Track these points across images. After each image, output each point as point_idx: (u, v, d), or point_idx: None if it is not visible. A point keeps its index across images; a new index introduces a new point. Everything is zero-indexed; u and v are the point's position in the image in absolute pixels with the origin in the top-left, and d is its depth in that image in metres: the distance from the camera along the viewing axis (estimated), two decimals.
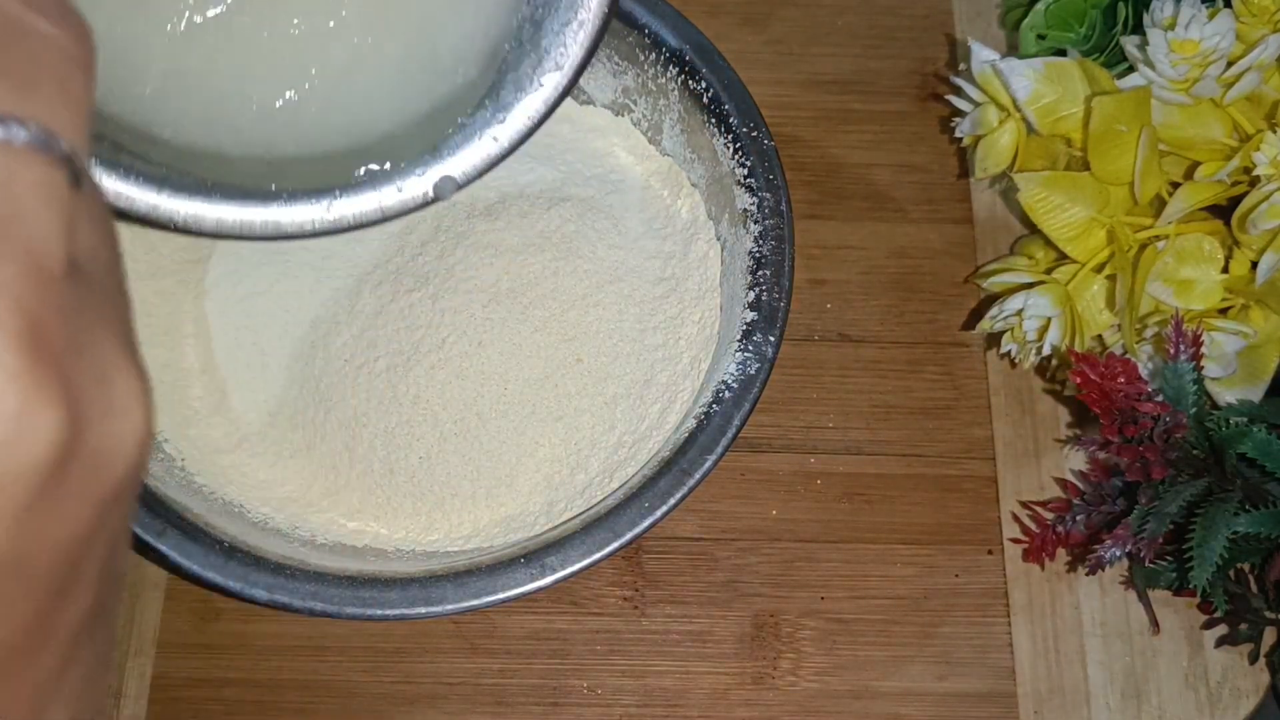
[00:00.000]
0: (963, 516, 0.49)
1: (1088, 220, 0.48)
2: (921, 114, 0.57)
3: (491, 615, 0.47)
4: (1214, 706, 0.46)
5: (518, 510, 0.47)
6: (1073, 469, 0.50)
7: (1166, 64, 0.46)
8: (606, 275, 0.49)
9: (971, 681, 0.47)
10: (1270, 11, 0.46)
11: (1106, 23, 0.52)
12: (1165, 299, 0.47)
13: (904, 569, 0.48)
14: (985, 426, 0.51)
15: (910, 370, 0.52)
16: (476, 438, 0.47)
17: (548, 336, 0.48)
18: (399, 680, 0.46)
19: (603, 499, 0.45)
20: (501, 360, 0.48)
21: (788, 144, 0.55)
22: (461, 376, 0.47)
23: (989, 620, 0.48)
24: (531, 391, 0.48)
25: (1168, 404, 0.45)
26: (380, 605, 0.41)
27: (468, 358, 0.48)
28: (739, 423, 0.44)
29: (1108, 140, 0.46)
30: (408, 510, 0.47)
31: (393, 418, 0.47)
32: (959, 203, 0.55)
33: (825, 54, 0.58)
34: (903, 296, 0.53)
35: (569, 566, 0.42)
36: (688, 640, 0.47)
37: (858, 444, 0.50)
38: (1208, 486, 0.44)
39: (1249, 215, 0.45)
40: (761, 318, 0.46)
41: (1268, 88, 0.47)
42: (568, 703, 0.46)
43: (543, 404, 0.48)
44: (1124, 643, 0.47)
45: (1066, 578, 0.48)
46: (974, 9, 0.59)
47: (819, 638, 0.47)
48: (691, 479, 0.43)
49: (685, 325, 0.49)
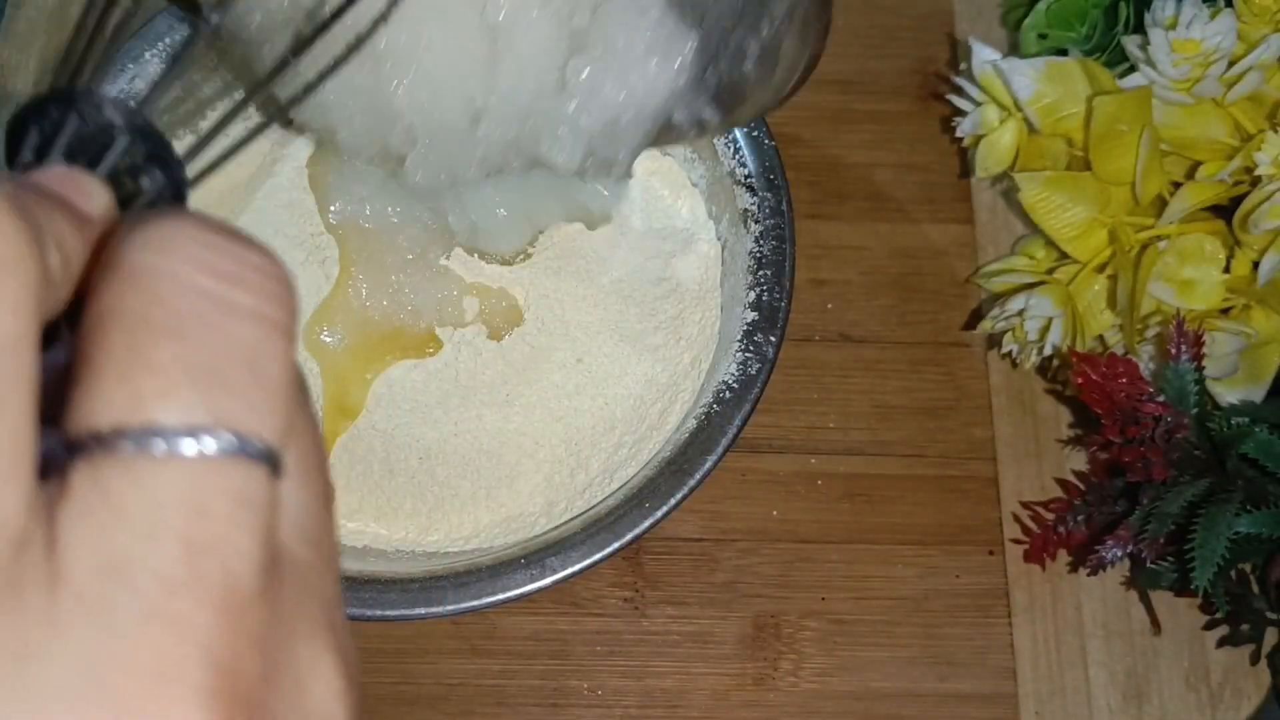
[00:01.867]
0: (964, 517, 0.49)
1: (1089, 220, 0.48)
2: (922, 114, 0.57)
3: (491, 616, 0.47)
4: (1215, 707, 0.46)
5: (518, 510, 0.47)
6: (1074, 469, 0.50)
7: (1168, 63, 0.46)
8: (607, 275, 0.49)
9: (972, 682, 0.47)
10: (1271, 11, 0.45)
11: (1108, 22, 0.51)
12: (1167, 299, 0.47)
13: (905, 570, 0.48)
14: (986, 427, 0.51)
15: (911, 370, 0.52)
16: (476, 438, 0.47)
17: (548, 336, 0.48)
18: (399, 680, 0.46)
19: (603, 499, 0.44)
20: (501, 360, 0.48)
21: (788, 144, 0.55)
22: (461, 376, 0.47)
23: (990, 621, 0.48)
24: (531, 392, 0.48)
25: (1169, 404, 0.45)
26: (380, 605, 0.41)
27: (467, 357, 0.47)
28: (739, 423, 0.44)
29: (1109, 140, 0.46)
30: (407, 510, 0.47)
31: (392, 419, 0.47)
32: (960, 203, 0.55)
33: (826, 54, 0.58)
34: (904, 297, 0.53)
35: (569, 567, 0.42)
36: (688, 641, 0.47)
37: (858, 444, 0.50)
38: (1209, 487, 0.44)
39: (1250, 215, 0.45)
40: (762, 318, 0.45)
41: (1269, 87, 0.47)
42: (568, 704, 0.46)
43: (543, 404, 0.48)
44: (1125, 643, 0.47)
45: (1068, 578, 0.48)
46: (975, 9, 0.59)
47: (820, 638, 0.47)
48: (692, 479, 0.43)
49: (686, 325, 0.49)
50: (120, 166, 0.20)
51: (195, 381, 0.15)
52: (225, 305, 0.16)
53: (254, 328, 0.16)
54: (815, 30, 0.35)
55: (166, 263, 0.16)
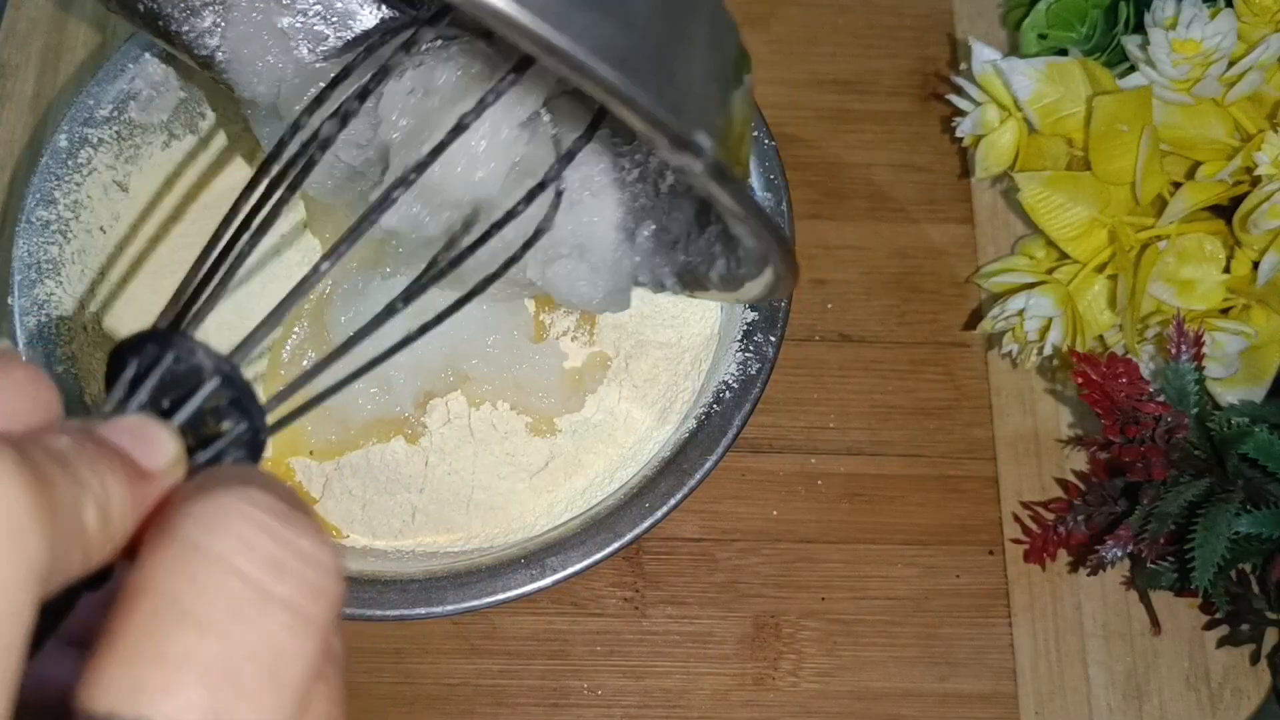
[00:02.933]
0: (964, 517, 0.49)
1: (1089, 220, 0.48)
2: (922, 114, 0.57)
3: (492, 616, 0.47)
4: (1215, 707, 0.46)
5: (517, 511, 0.47)
6: (1074, 469, 0.50)
7: (1168, 63, 0.46)
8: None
9: (972, 682, 0.47)
10: (1272, 11, 0.46)
11: (1108, 22, 0.51)
12: (1167, 299, 0.47)
13: (905, 570, 0.48)
14: (986, 427, 0.51)
15: (911, 370, 0.52)
16: (475, 437, 0.47)
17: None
18: (399, 680, 0.46)
19: (603, 499, 0.44)
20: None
21: (788, 144, 0.55)
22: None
23: (990, 621, 0.48)
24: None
25: (1169, 404, 0.45)
26: (380, 605, 0.41)
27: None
28: (739, 423, 0.44)
29: (1109, 140, 0.46)
30: (401, 526, 0.46)
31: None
32: (960, 202, 0.55)
33: (826, 54, 0.58)
34: (904, 296, 0.53)
35: (569, 567, 0.42)
36: (688, 641, 0.47)
37: (858, 444, 0.50)
38: (1209, 487, 0.44)
39: (1250, 215, 0.45)
40: (762, 318, 0.45)
41: (1269, 87, 0.47)
42: (568, 704, 0.46)
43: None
44: (1125, 643, 0.47)
45: (1068, 578, 0.48)
46: (975, 8, 0.59)
47: (820, 638, 0.47)
48: (692, 479, 0.43)
49: (686, 325, 0.49)
50: (205, 408, 0.21)
51: (203, 679, 0.15)
52: (261, 594, 0.16)
53: (286, 622, 0.16)
54: (783, 286, 0.37)
55: (213, 542, 0.16)
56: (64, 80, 0.56)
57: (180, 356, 0.21)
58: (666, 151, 0.26)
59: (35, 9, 0.58)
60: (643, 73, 0.25)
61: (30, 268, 0.45)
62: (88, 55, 0.57)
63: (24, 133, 0.55)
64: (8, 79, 0.57)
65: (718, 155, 0.27)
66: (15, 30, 0.58)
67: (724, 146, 0.27)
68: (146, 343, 0.21)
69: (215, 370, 0.21)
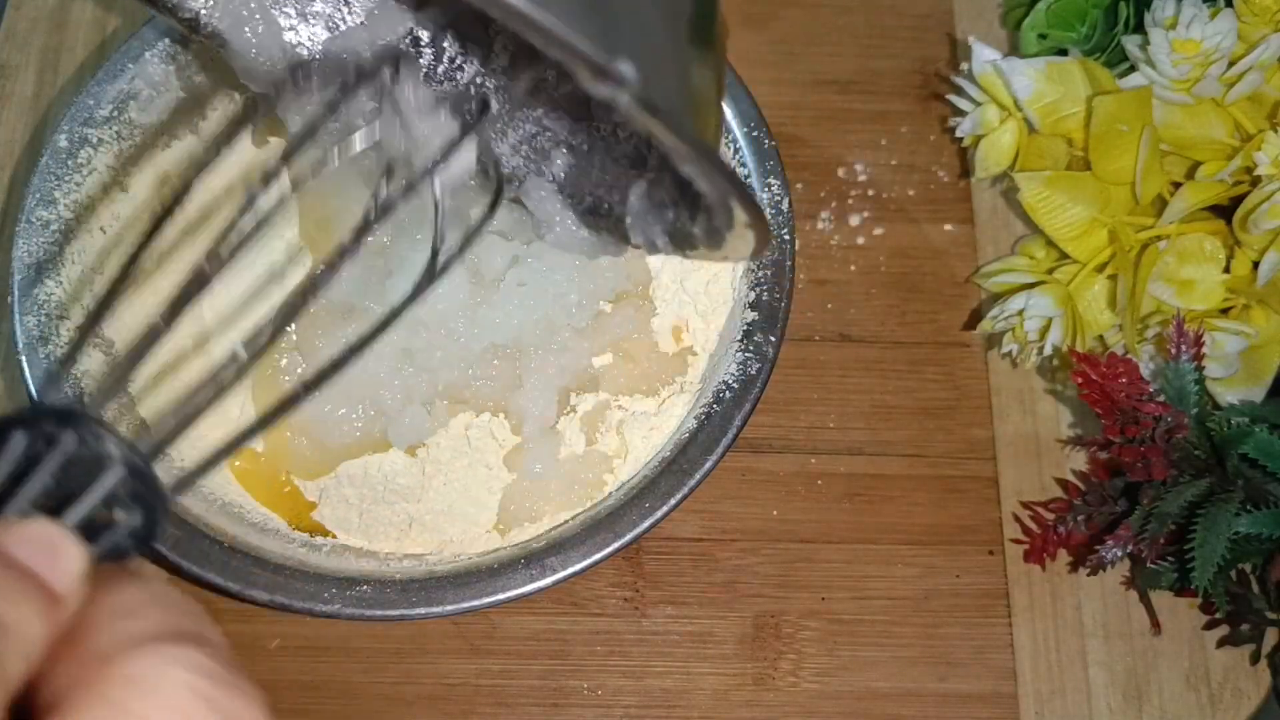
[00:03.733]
0: (964, 517, 0.49)
1: (1089, 220, 0.48)
2: (922, 114, 0.57)
3: (492, 616, 0.47)
4: (1215, 707, 0.46)
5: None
6: (1074, 469, 0.50)
7: (1168, 63, 0.46)
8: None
9: (972, 682, 0.47)
10: (1272, 11, 0.45)
11: (1108, 22, 0.51)
12: (1167, 299, 0.47)
13: (905, 569, 0.48)
14: (986, 427, 0.51)
15: (911, 370, 0.52)
16: (472, 448, 0.47)
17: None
18: (399, 680, 0.46)
19: (603, 499, 0.44)
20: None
21: (788, 144, 0.55)
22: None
23: (990, 621, 0.48)
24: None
25: (1169, 404, 0.45)
26: (380, 605, 0.41)
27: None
28: (739, 423, 0.44)
29: (1109, 140, 0.46)
30: (398, 534, 0.46)
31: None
32: (960, 202, 0.55)
33: (826, 54, 0.58)
34: (904, 296, 0.53)
35: (569, 567, 0.42)
36: (688, 641, 0.47)
37: (858, 444, 0.50)
38: (1209, 487, 0.44)
39: (1250, 215, 0.45)
40: (762, 318, 0.45)
41: (1269, 87, 0.47)
42: (568, 704, 0.46)
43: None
44: (1125, 643, 0.47)
45: (1068, 578, 0.48)
46: (975, 9, 0.59)
47: (820, 638, 0.47)
48: (692, 479, 0.43)
49: (686, 325, 0.49)
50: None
51: None
52: None
53: None
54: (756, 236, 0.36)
55: (148, 712, 0.16)
56: (64, 80, 0.56)
57: (86, 438, 0.19)
58: (588, 81, 0.25)
59: (35, 9, 0.58)
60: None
61: (30, 268, 0.45)
62: (88, 55, 0.57)
63: (24, 133, 0.55)
64: (8, 79, 0.57)
65: (645, 87, 0.25)
66: (15, 30, 0.58)
67: (670, 94, 0.25)
68: (42, 420, 0.19)
69: (124, 462, 0.19)
